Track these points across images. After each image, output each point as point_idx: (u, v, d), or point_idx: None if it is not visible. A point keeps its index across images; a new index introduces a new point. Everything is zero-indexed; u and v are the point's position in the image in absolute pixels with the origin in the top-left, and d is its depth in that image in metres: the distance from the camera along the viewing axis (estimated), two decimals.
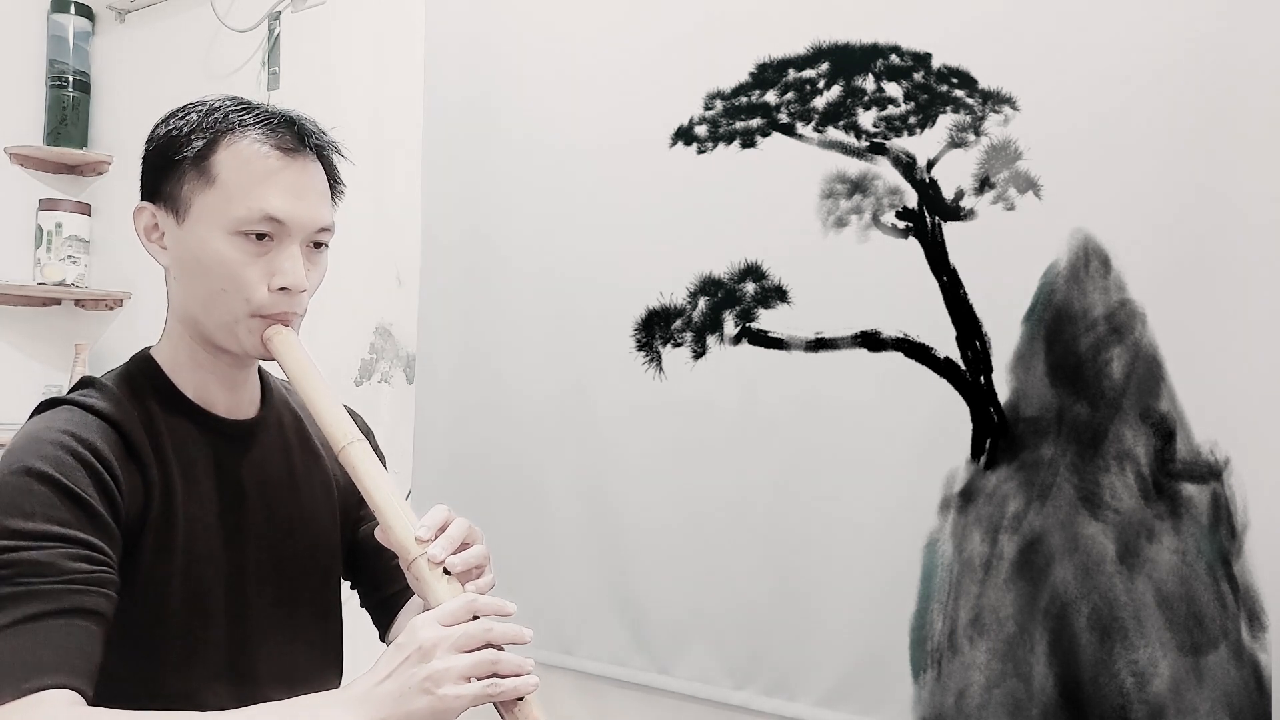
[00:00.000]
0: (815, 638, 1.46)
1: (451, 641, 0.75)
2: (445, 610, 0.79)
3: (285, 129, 0.92)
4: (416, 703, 0.73)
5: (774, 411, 1.51)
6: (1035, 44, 1.32)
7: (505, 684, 0.76)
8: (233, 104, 0.93)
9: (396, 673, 0.75)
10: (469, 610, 0.79)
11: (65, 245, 2.58)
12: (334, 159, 0.98)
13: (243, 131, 0.91)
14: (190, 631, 0.90)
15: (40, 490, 0.80)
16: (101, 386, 0.92)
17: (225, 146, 0.90)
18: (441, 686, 0.74)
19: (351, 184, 1.03)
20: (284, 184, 0.90)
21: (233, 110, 0.92)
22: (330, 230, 0.96)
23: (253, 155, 0.90)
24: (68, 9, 2.62)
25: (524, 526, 1.74)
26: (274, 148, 0.91)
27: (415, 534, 0.84)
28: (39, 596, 0.76)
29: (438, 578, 0.83)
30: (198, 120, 0.91)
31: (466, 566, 0.84)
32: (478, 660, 0.76)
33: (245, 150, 0.90)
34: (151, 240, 0.94)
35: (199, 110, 0.92)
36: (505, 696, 0.76)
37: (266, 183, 0.90)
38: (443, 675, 0.74)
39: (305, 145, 0.93)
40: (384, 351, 2.06)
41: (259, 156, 0.90)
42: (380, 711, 0.74)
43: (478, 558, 0.86)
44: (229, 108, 0.92)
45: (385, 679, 0.75)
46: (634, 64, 1.66)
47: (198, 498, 0.92)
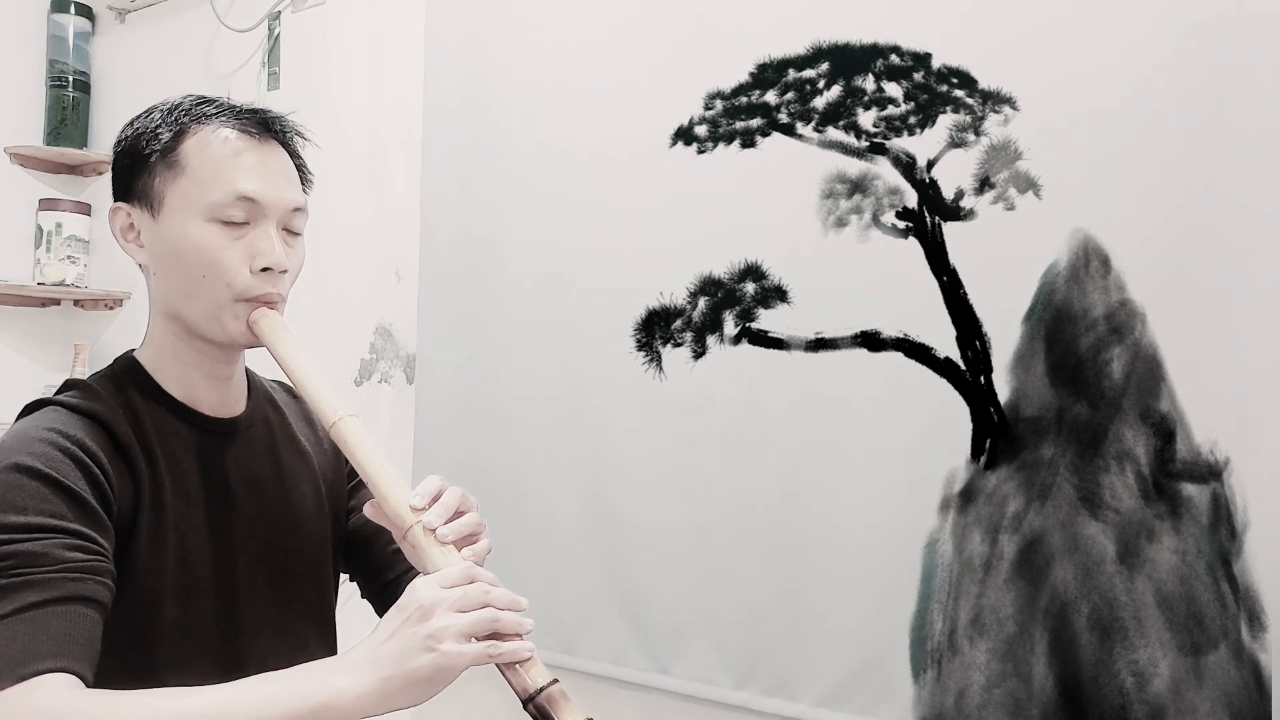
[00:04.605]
0: (815, 637, 1.46)
1: (451, 601, 0.75)
2: (445, 574, 0.79)
3: (248, 116, 0.95)
4: (419, 660, 0.73)
5: (774, 411, 1.51)
6: (1035, 44, 1.32)
7: (506, 646, 0.76)
8: (195, 99, 0.95)
9: (398, 633, 0.75)
10: (469, 576, 0.79)
11: (65, 245, 2.58)
12: (299, 148, 0.99)
13: (207, 120, 0.93)
14: (182, 626, 0.90)
15: (31, 485, 0.80)
16: (86, 387, 0.92)
17: (192, 135, 0.92)
18: (443, 643, 0.74)
19: (351, 183, 1.04)
20: (253, 165, 0.92)
21: (196, 104, 0.95)
22: (304, 212, 0.96)
23: (219, 140, 0.92)
24: (68, 9, 2.62)
25: (524, 525, 1.74)
26: (239, 132, 0.93)
27: (410, 503, 0.84)
28: (35, 586, 0.77)
29: (434, 545, 0.83)
30: (161, 117, 0.94)
31: (459, 535, 0.84)
32: (477, 619, 0.75)
33: (211, 136, 0.92)
34: (128, 240, 0.95)
35: (162, 109, 0.95)
36: (505, 659, 0.76)
37: (236, 165, 0.91)
38: (444, 632, 0.74)
39: (270, 130, 0.95)
40: (384, 351, 2.06)
41: (226, 141, 0.92)
42: (383, 671, 0.74)
43: (471, 525, 0.86)
44: (191, 102, 0.95)
45: (387, 639, 0.75)
46: (634, 64, 1.66)
47: (186, 494, 0.92)
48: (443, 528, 0.83)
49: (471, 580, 0.78)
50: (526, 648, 0.77)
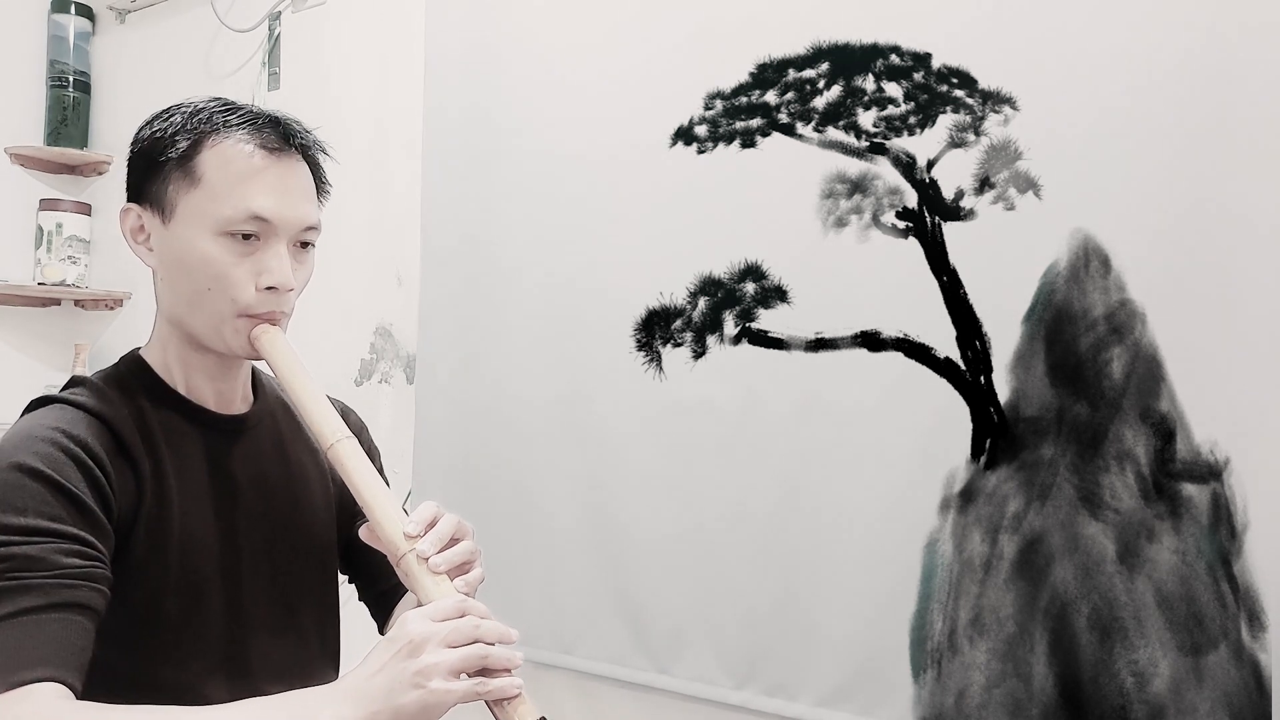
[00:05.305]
0: (815, 637, 1.46)
1: (441, 637, 0.75)
2: (436, 607, 0.79)
3: (270, 128, 0.92)
4: (407, 696, 0.73)
5: (774, 411, 1.50)
6: (1035, 44, 1.32)
7: (494, 683, 0.76)
8: (217, 105, 0.93)
9: (387, 667, 0.75)
10: (460, 610, 0.78)
11: (65, 245, 2.58)
12: (319, 158, 0.98)
13: (227, 131, 0.91)
14: (186, 624, 0.90)
15: (33, 486, 0.80)
16: (91, 384, 0.92)
17: (210, 147, 0.90)
18: (431, 680, 0.74)
19: (351, 183, 1.03)
20: (269, 183, 0.90)
21: (217, 111, 0.92)
22: (317, 229, 0.95)
23: (237, 155, 0.90)
24: (68, 9, 2.62)
25: (524, 525, 1.74)
26: (259, 147, 0.91)
27: (404, 530, 0.84)
28: (31, 591, 0.76)
29: (426, 574, 0.83)
30: (182, 121, 0.91)
31: (451, 565, 0.84)
32: (466, 655, 0.75)
33: (230, 150, 0.90)
34: (138, 242, 0.94)
35: (183, 112, 0.92)
36: (493, 695, 0.77)
37: (252, 182, 0.90)
38: (433, 669, 0.74)
39: (290, 144, 0.93)
40: (384, 352, 2.06)
41: (244, 156, 0.90)
42: (371, 706, 0.74)
43: (465, 553, 0.85)
44: (213, 108, 0.92)
45: (376, 673, 0.75)
46: (634, 64, 1.66)
47: (191, 492, 0.92)
48: (435, 557, 0.83)
49: (462, 614, 0.78)
50: (515, 684, 0.77)
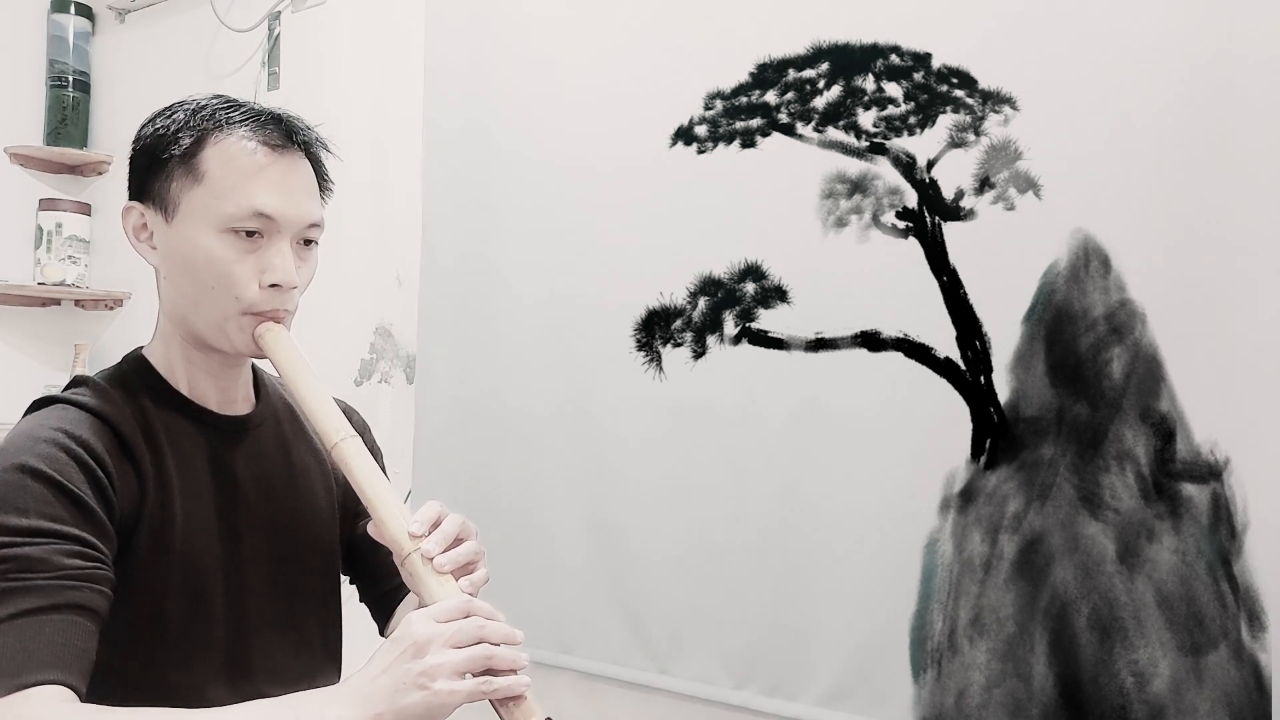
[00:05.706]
0: (815, 637, 1.46)
1: (446, 638, 0.75)
2: (441, 607, 0.78)
3: (273, 125, 0.92)
4: (410, 698, 0.73)
5: (773, 411, 1.50)
6: (1035, 44, 1.32)
7: (499, 682, 0.76)
8: (220, 102, 0.93)
9: (391, 668, 0.75)
10: (464, 610, 0.78)
11: (65, 245, 2.58)
12: (322, 156, 0.98)
13: (230, 129, 0.90)
14: (188, 625, 0.90)
15: (35, 487, 0.80)
16: (94, 384, 0.91)
17: (213, 144, 0.90)
18: (436, 681, 0.73)
19: (351, 182, 1.03)
20: (272, 180, 0.90)
21: (220, 108, 0.92)
22: (320, 226, 0.95)
23: (240, 152, 0.90)
24: (68, 9, 2.62)
25: (523, 525, 1.74)
26: (262, 144, 0.91)
27: (409, 530, 0.84)
28: (33, 592, 0.76)
29: (430, 574, 0.82)
30: (184, 119, 0.91)
31: (456, 564, 0.84)
32: (471, 655, 0.75)
33: (233, 147, 0.90)
34: (140, 240, 0.94)
35: (185, 109, 0.92)
36: (499, 695, 0.76)
37: (255, 179, 0.89)
38: (437, 670, 0.73)
39: (293, 142, 0.93)
40: (384, 351, 2.06)
41: (247, 153, 0.90)
42: (375, 707, 0.73)
43: (469, 554, 0.85)
44: (216, 105, 0.92)
45: (380, 674, 0.75)
46: (634, 64, 1.65)
47: (194, 492, 0.92)
48: (440, 557, 0.83)
49: (467, 614, 0.78)
50: (521, 683, 0.77)
